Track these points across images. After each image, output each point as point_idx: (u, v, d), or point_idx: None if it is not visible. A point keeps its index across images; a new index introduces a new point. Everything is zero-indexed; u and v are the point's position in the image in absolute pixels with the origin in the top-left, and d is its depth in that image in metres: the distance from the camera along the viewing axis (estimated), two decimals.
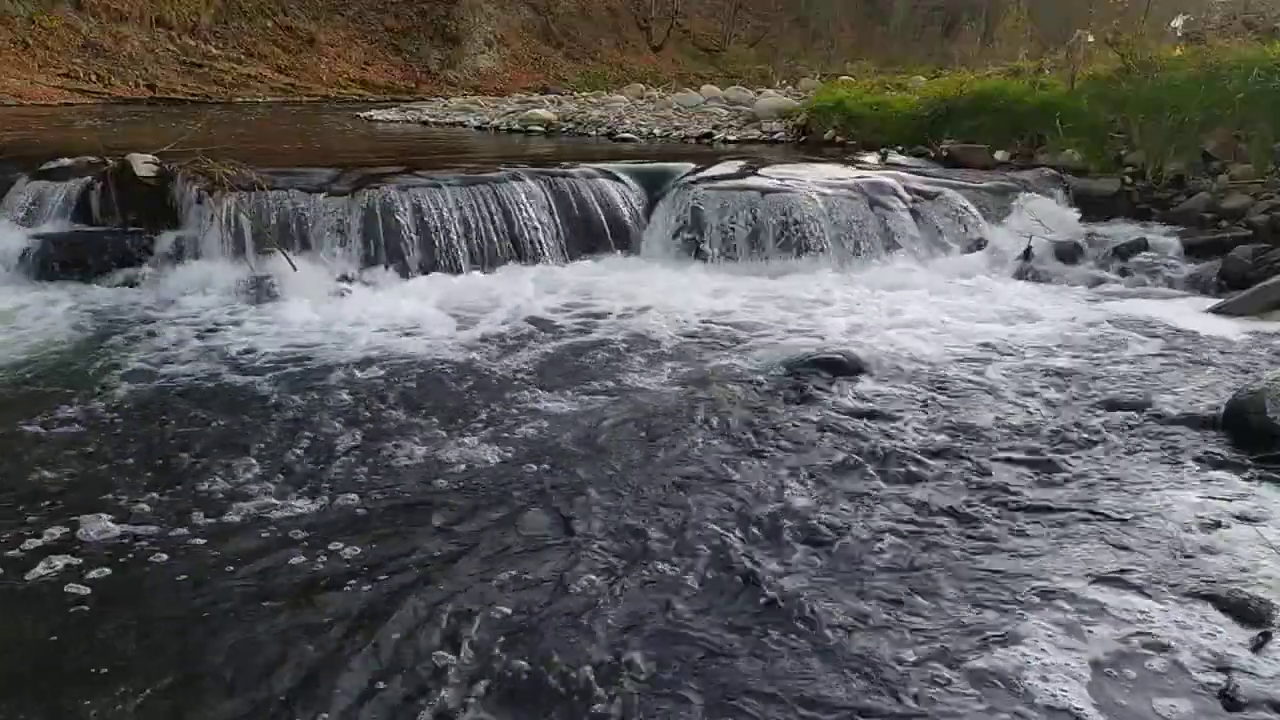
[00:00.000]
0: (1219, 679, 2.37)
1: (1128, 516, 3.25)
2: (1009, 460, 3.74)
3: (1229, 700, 2.30)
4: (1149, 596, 2.75)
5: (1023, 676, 2.39)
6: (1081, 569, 2.91)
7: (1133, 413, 4.21)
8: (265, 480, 3.47)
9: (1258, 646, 2.50)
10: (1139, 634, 2.57)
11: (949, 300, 6.33)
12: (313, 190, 6.78)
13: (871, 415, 4.21)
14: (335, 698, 2.30)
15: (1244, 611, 2.65)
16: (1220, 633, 2.57)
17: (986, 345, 5.32)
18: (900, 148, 10.09)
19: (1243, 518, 3.22)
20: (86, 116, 14.77)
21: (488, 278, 6.67)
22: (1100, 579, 2.85)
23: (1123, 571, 2.89)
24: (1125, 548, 3.04)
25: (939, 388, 4.60)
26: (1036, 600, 2.74)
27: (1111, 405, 4.31)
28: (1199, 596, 2.74)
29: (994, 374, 4.81)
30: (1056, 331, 5.59)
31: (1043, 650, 2.50)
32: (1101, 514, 3.27)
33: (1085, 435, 3.99)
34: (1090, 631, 2.58)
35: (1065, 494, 3.45)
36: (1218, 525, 3.16)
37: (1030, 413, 4.25)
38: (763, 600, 2.75)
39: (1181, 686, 2.35)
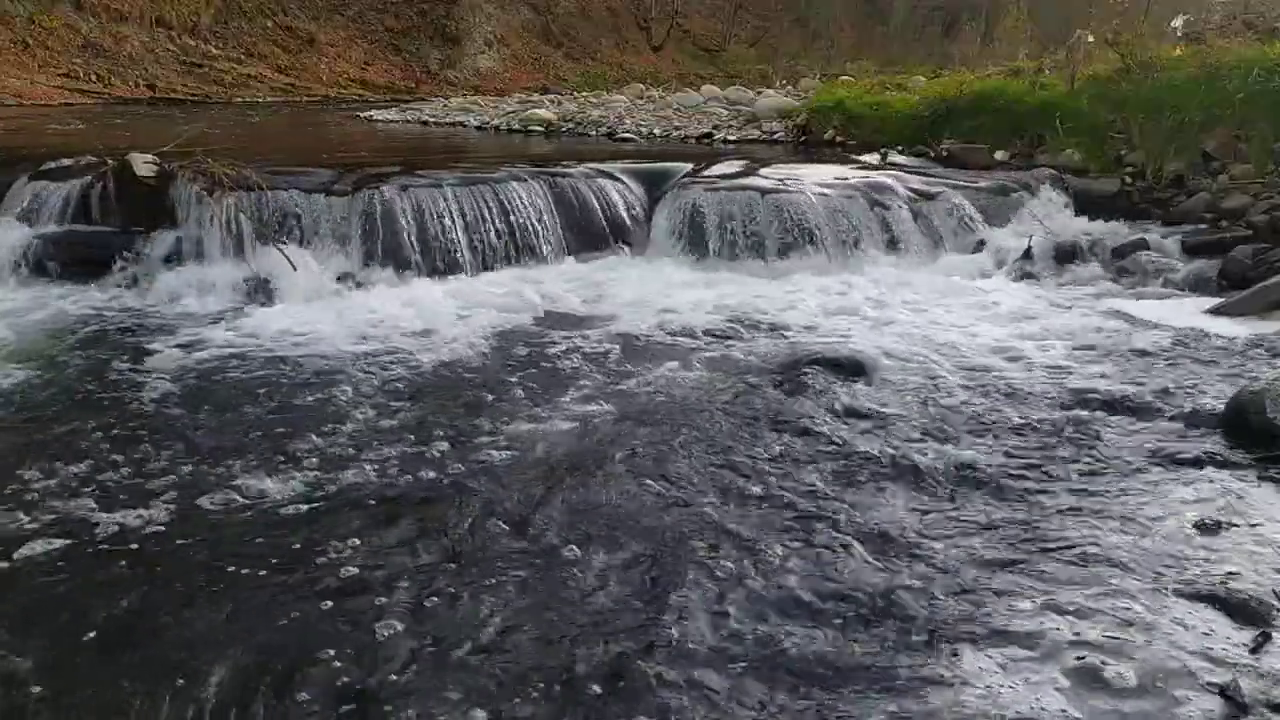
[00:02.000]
0: (1219, 679, 2.37)
1: (1127, 516, 3.25)
2: (1008, 460, 3.73)
3: (1229, 700, 2.30)
4: (1148, 596, 2.75)
5: (1021, 676, 2.39)
6: (1081, 569, 2.91)
7: (1132, 413, 4.21)
8: (259, 478, 3.46)
9: (1258, 646, 2.50)
10: (1139, 633, 2.56)
11: (948, 300, 6.33)
12: (313, 190, 6.78)
13: (870, 415, 4.21)
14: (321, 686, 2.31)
15: (1244, 611, 2.65)
16: (1220, 632, 2.57)
17: (986, 345, 5.32)
18: (900, 148, 10.08)
19: (1243, 518, 3.21)
20: (86, 116, 14.76)
21: (487, 277, 6.66)
22: (1099, 579, 2.85)
23: (1122, 571, 2.89)
24: (1125, 547, 3.04)
25: (938, 388, 4.60)
26: (1035, 599, 2.74)
27: (1111, 405, 4.31)
28: (1199, 596, 2.74)
29: (993, 374, 4.81)
30: (1056, 331, 5.59)
31: (1041, 649, 2.50)
32: (1101, 513, 3.27)
33: (1084, 435, 3.98)
34: (1090, 631, 2.58)
35: (1064, 494, 3.45)
36: (1218, 525, 3.16)
37: (1029, 412, 4.25)
38: (758, 602, 2.74)
39: (1182, 686, 2.35)
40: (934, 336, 5.46)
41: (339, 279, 6.29)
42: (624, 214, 7.51)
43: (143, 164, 6.80)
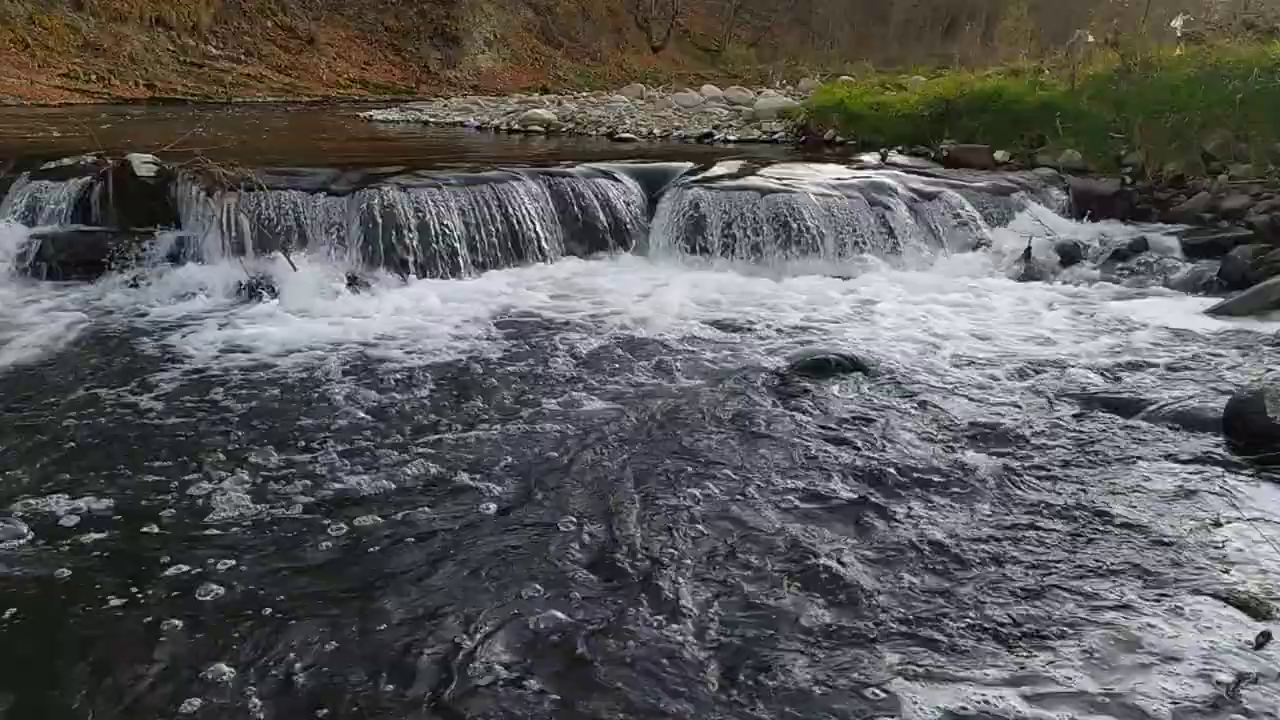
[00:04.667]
0: (1220, 678, 2.37)
1: (1128, 516, 3.25)
2: (1007, 460, 3.73)
3: (1230, 699, 2.30)
4: (1149, 596, 2.75)
5: (1020, 675, 2.39)
6: (1081, 569, 2.91)
7: (1132, 412, 4.21)
8: (256, 479, 3.46)
9: (1259, 645, 2.50)
10: (1139, 633, 2.56)
11: (948, 300, 6.33)
12: (313, 190, 6.78)
13: (870, 415, 4.21)
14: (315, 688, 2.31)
15: (1245, 610, 2.65)
16: (1221, 632, 2.57)
17: (986, 345, 5.32)
18: (900, 148, 10.09)
19: (1243, 518, 3.22)
20: (87, 116, 14.76)
21: (487, 278, 6.67)
22: (1100, 579, 2.85)
23: (1123, 571, 2.89)
24: (1125, 547, 3.04)
25: (938, 388, 4.59)
26: (1034, 600, 2.74)
27: (1111, 405, 4.31)
28: (1199, 595, 2.74)
29: (993, 374, 4.81)
30: (1055, 332, 5.59)
31: (1041, 649, 2.50)
32: (1101, 514, 3.27)
33: (1085, 435, 3.98)
34: (1090, 631, 2.58)
35: (1065, 494, 3.44)
36: (1218, 525, 3.16)
37: (1029, 413, 4.25)
38: (753, 607, 2.74)
39: (1183, 685, 2.35)
40: (933, 336, 5.46)
41: (339, 279, 6.28)
42: (624, 214, 7.51)
43: (142, 164, 6.80)
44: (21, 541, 2.98)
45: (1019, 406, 4.33)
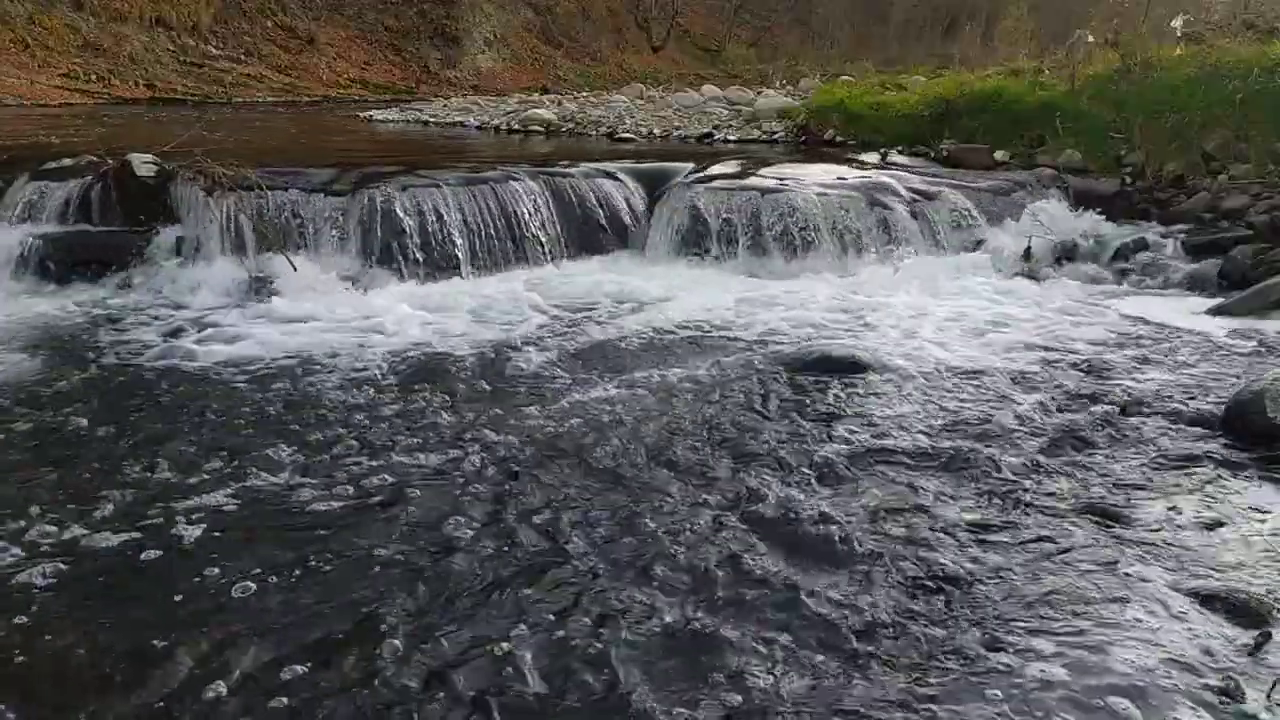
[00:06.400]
0: (1219, 679, 2.37)
1: (1128, 515, 3.25)
2: (1008, 460, 3.73)
3: (1229, 700, 2.30)
4: (1149, 596, 2.75)
5: (1019, 676, 2.39)
6: (1080, 569, 2.91)
7: (1132, 412, 4.21)
8: (258, 480, 3.47)
9: (1258, 646, 2.50)
10: (1139, 634, 2.57)
11: (948, 300, 6.33)
12: (312, 190, 6.78)
13: (871, 415, 4.21)
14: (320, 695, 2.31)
15: (1244, 611, 2.65)
16: (1220, 632, 2.57)
17: (985, 345, 5.32)
18: (900, 148, 10.09)
19: (1243, 518, 3.22)
20: (87, 116, 14.76)
21: (487, 278, 6.67)
22: (1098, 578, 2.85)
23: (1122, 570, 2.89)
24: (1125, 547, 3.04)
25: (938, 387, 4.60)
26: (1034, 599, 2.74)
27: (1111, 405, 4.31)
28: (1199, 596, 2.74)
29: (993, 373, 4.81)
30: (1056, 331, 5.60)
31: (1040, 649, 2.50)
32: (1101, 513, 3.27)
33: (1085, 435, 3.98)
34: (1089, 631, 2.58)
35: (1065, 494, 3.45)
36: (1218, 525, 3.16)
37: (1030, 412, 4.25)
38: (751, 610, 2.74)
39: (1182, 686, 2.35)
40: (933, 337, 5.46)
41: (339, 279, 6.28)
42: (624, 214, 7.51)
43: (142, 164, 6.80)
44: (13, 542, 2.99)
45: (1018, 405, 4.34)
